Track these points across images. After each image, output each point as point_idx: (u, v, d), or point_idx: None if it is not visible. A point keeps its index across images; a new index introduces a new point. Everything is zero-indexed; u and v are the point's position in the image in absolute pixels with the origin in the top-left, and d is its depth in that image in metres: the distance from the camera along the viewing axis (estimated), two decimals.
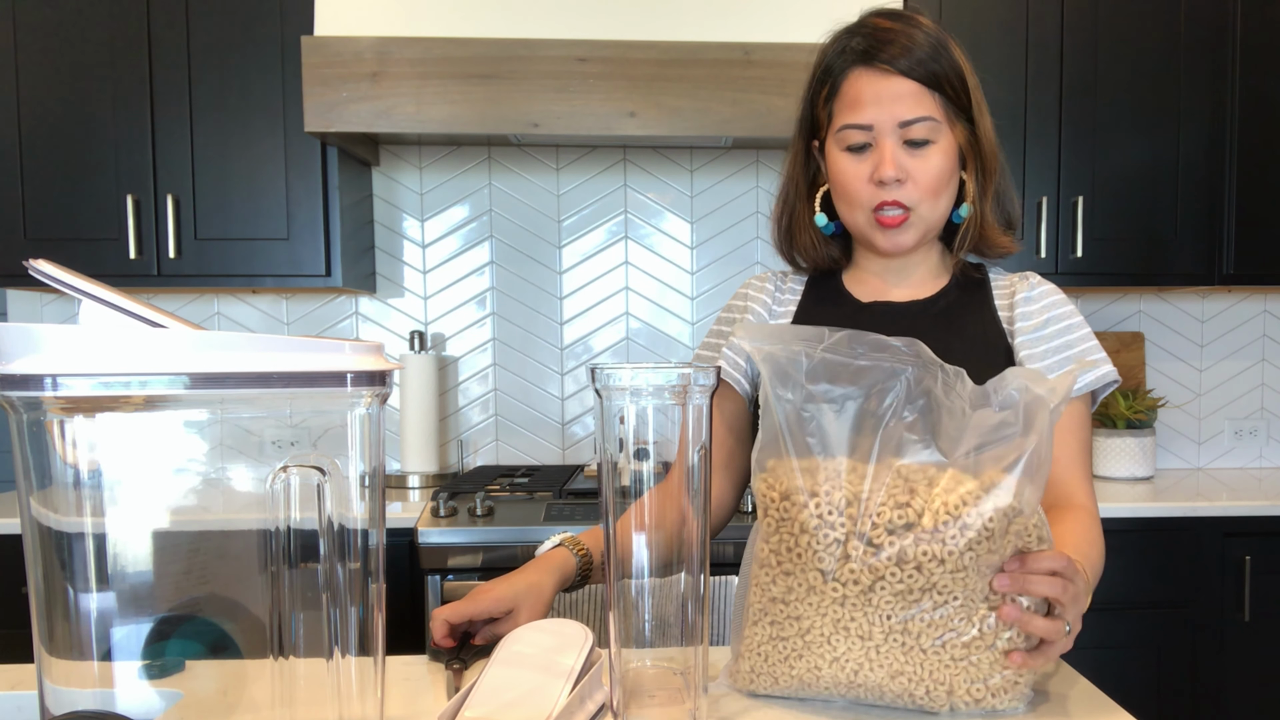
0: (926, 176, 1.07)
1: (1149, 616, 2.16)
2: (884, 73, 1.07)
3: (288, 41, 2.19)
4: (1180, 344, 2.72)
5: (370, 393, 0.65)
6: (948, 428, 0.80)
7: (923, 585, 0.79)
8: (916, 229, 1.09)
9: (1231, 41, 2.33)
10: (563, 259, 2.62)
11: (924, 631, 0.80)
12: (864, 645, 0.82)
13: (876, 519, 0.78)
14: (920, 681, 0.82)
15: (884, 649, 0.81)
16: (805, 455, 0.82)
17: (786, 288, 1.22)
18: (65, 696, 0.62)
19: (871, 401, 0.81)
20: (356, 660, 0.67)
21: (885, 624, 0.80)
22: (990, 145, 1.12)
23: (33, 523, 0.61)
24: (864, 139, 1.07)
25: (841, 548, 0.80)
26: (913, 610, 0.80)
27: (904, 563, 0.78)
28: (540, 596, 1.04)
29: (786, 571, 0.83)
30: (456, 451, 2.63)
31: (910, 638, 0.80)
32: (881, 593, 0.79)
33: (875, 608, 0.80)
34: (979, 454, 0.79)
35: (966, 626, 0.80)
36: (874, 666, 0.82)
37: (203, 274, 2.24)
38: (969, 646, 0.80)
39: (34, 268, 0.61)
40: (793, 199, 1.19)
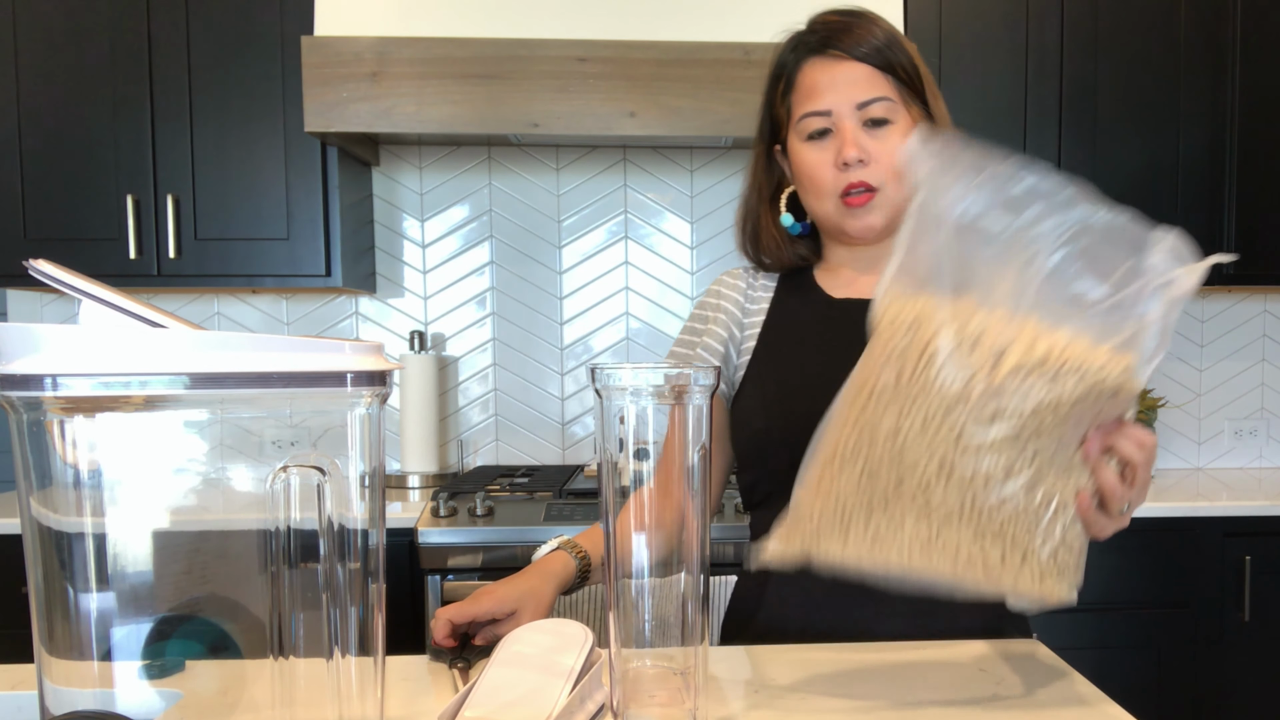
0: (888, 155, 1.08)
1: (1149, 616, 2.16)
2: (837, 59, 1.08)
3: (288, 42, 2.19)
4: (1180, 344, 2.72)
5: (370, 393, 0.65)
6: (1089, 280, 0.77)
7: (1033, 429, 0.76)
8: (883, 209, 1.09)
9: (1231, 41, 2.33)
10: (563, 259, 2.62)
11: (1023, 479, 0.77)
12: (960, 496, 0.77)
13: (1003, 357, 0.75)
14: (997, 543, 0.78)
15: (979, 498, 0.77)
16: (941, 288, 0.78)
17: (759, 284, 1.22)
18: (65, 696, 0.62)
19: (1023, 241, 0.77)
20: (356, 660, 0.67)
21: (992, 465, 0.76)
22: (946, 126, 1.14)
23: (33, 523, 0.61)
24: (823, 124, 1.08)
25: (967, 381, 0.76)
26: (1019, 456, 0.77)
27: (1022, 397, 0.75)
28: (542, 599, 1.04)
29: (901, 409, 0.78)
30: (456, 451, 2.63)
31: (1012, 483, 0.77)
32: (994, 430, 0.75)
33: (983, 451, 0.76)
34: (1114, 315, 0.77)
35: (1055, 488, 0.79)
36: (964, 524, 0.78)
37: (203, 274, 2.24)
38: (1052, 508, 0.79)
39: (34, 268, 0.61)
40: (755, 204, 1.20)
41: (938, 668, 0.96)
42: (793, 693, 0.89)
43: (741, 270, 1.24)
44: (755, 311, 1.20)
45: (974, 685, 0.91)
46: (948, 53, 2.30)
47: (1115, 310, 0.77)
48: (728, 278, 1.24)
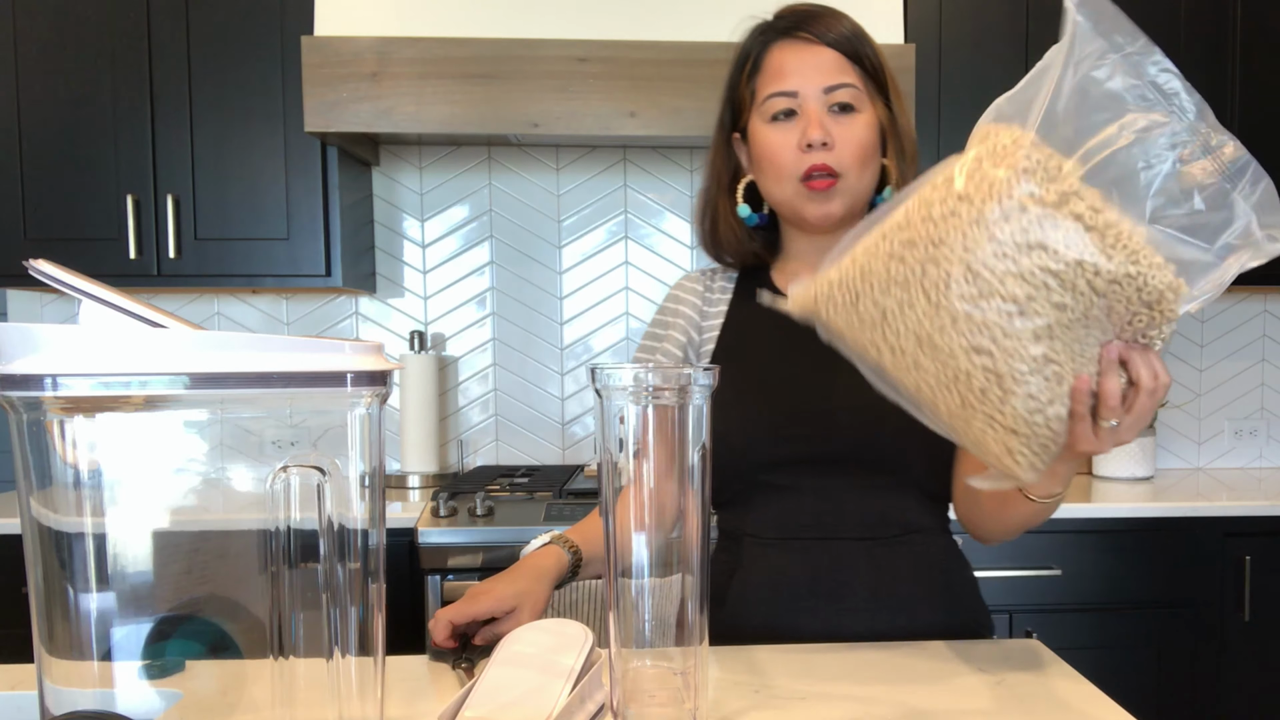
0: (852, 142, 1.07)
1: (1149, 616, 2.16)
2: (807, 42, 1.09)
3: (288, 41, 2.19)
4: (1180, 344, 2.72)
5: (370, 393, 0.65)
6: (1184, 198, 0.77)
7: (1066, 283, 0.75)
8: (844, 197, 1.09)
9: (1231, 41, 2.33)
10: (563, 259, 2.62)
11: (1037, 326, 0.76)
12: (971, 306, 0.76)
13: (1069, 199, 0.75)
14: (981, 373, 0.78)
15: (987, 318, 0.76)
16: (1040, 130, 0.78)
17: (717, 286, 1.22)
18: (65, 696, 0.62)
19: (1125, 139, 0.77)
20: (356, 660, 0.67)
21: (1007, 291, 0.75)
22: (910, 131, 1.14)
23: (33, 523, 0.61)
24: (789, 105, 1.08)
25: (1029, 198, 0.75)
26: (1036, 299, 0.75)
27: (1069, 244, 0.74)
28: (539, 595, 1.04)
29: (955, 199, 0.77)
30: (456, 451, 2.63)
31: (1022, 322, 0.76)
32: (1030, 259, 0.74)
33: (1010, 275, 0.75)
34: (1185, 241, 0.76)
35: (1058, 354, 0.77)
36: (962, 333, 0.77)
37: (203, 274, 2.24)
38: (1046, 379, 0.78)
39: (34, 268, 0.61)
40: (714, 194, 1.19)
41: (938, 668, 0.96)
42: (793, 693, 0.89)
43: (699, 274, 1.24)
44: (713, 315, 1.20)
45: (974, 685, 0.91)
46: (947, 53, 2.30)
47: (1189, 235, 0.76)
48: (686, 281, 1.24)
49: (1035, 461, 0.82)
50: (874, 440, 1.07)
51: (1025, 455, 0.82)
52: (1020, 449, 0.81)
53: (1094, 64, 0.77)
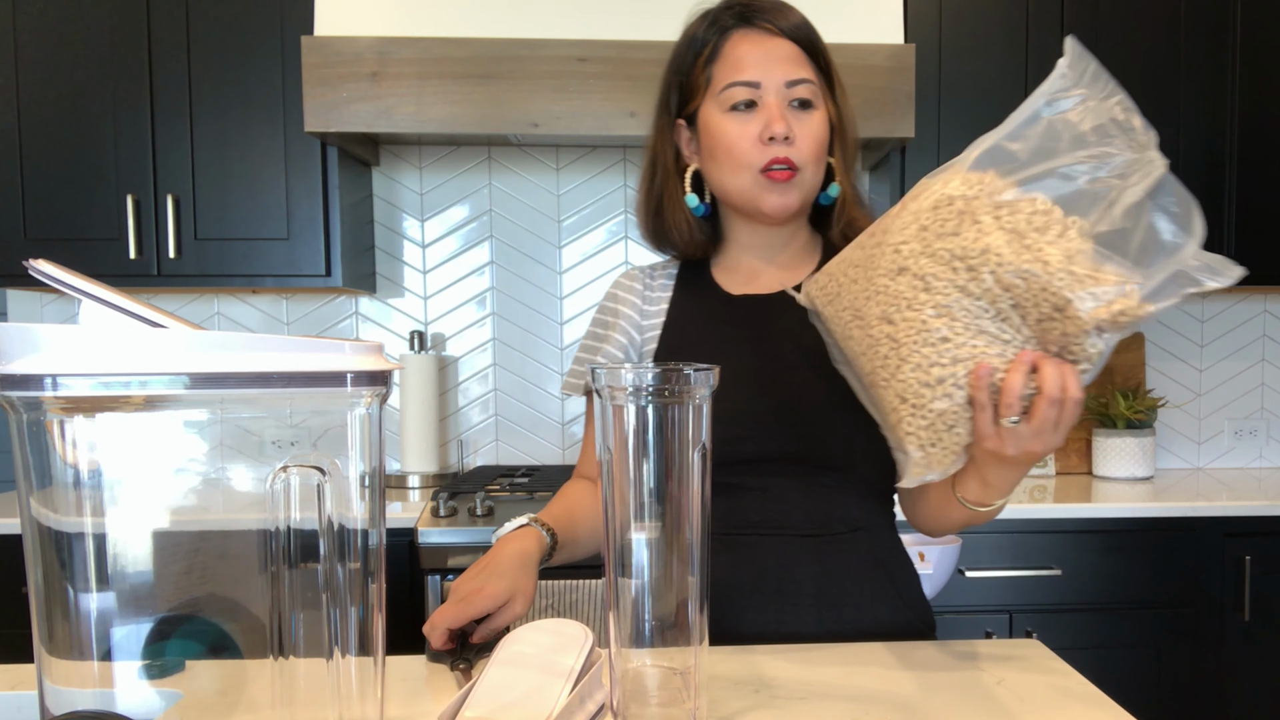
0: (811, 138, 1.07)
1: (1149, 616, 2.16)
2: (768, 32, 1.08)
3: (288, 41, 2.19)
4: (1180, 344, 2.72)
5: (370, 393, 0.65)
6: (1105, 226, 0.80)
7: (967, 270, 0.81)
8: (801, 190, 1.09)
9: (1231, 41, 2.33)
10: (563, 259, 2.62)
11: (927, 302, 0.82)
12: (889, 281, 0.84)
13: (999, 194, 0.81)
14: (889, 341, 0.85)
15: (897, 293, 0.84)
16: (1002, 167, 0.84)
17: (656, 284, 1.21)
18: (65, 696, 0.62)
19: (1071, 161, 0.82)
20: (356, 660, 0.67)
21: (920, 270, 0.83)
22: (854, 128, 1.14)
23: (33, 523, 0.61)
24: (750, 96, 1.07)
25: (960, 193, 0.82)
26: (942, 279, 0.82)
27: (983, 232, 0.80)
28: (530, 582, 1.02)
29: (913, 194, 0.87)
30: (456, 451, 2.63)
31: (920, 297, 0.83)
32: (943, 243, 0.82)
33: (925, 255, 0.83)
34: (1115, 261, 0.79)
35: (956, 333, 0.82)
36: (877, 302, 0.86)
37: (203, 274, 2.24)
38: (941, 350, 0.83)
39: (34, 268, 0.61)
40: (660, 179, 1.17)
41: (938, 668, 0.96)
42: (793, 693, 0.89)
43: (638, 272, 1.23)
44: (654, 314, 1.19)
45: (974, 685, 0.91)
46: (948, 53, 2.30)
47: (1121, 258, 0.79)
48: (624, 280, 1.22)
49: (923, 437, 0.86)
50: (820, 438, 1.07)
51: (913, 425, 0.86)
52: (909, 418, 0.86)
53: (1067, 103, 0.83)
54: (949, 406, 0.84)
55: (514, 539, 1.06)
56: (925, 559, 1.99)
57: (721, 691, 0.89)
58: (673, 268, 1.22)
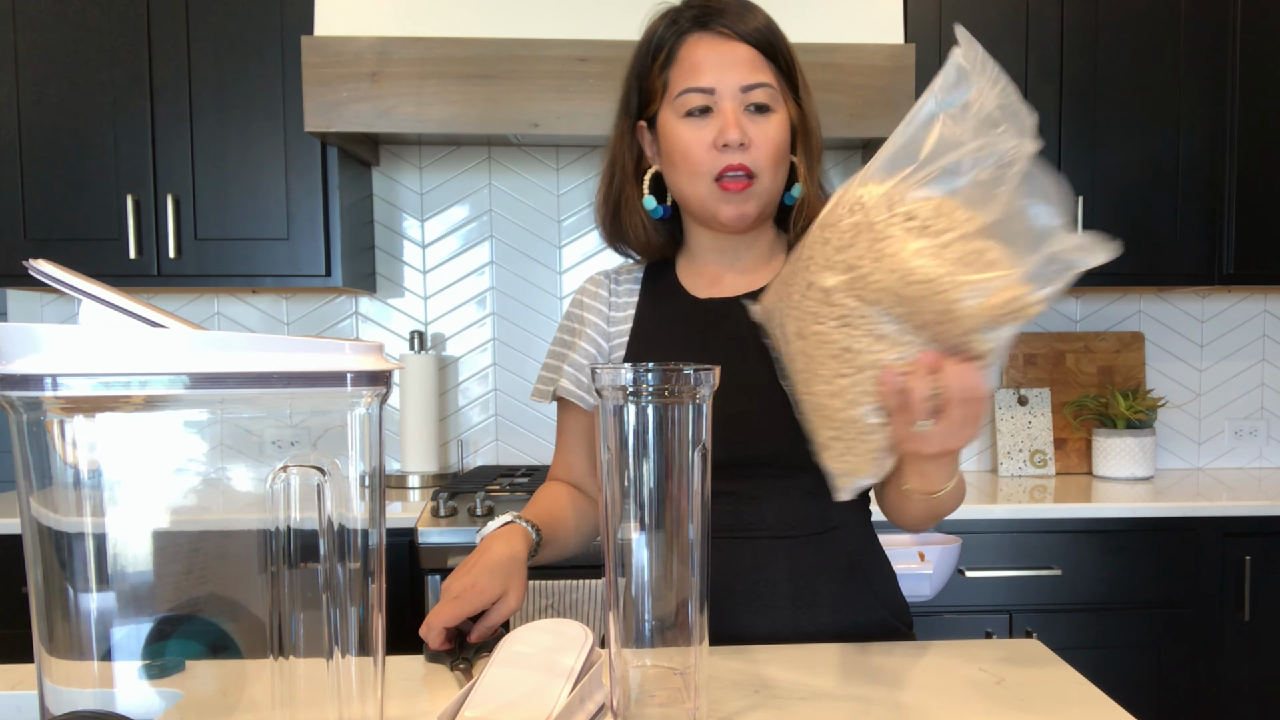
0: (768, 142, 1.06)
1: (1149, 616, 2.16)
2: (724, 37, 1.06)
3: (288, 41, 2.19)
4: (1180, 344, 2.72)
5: (370, 393, 0.65)
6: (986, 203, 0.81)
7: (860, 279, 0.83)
8: (759, 199, 1.08)
9: (1231, 41, 2.33)
10: (563, 259, 2.62)
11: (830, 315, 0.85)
12: (800, 298, 0.88)
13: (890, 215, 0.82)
14: (806, 349, 0.88)
15: (803, 307, 0.87)
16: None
17: (622, 289, 1.20)
18: (65, 696, 0.62)
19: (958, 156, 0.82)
20: (356, 660, 0.67)
21: (822, 284, 0.85)
22: (817, 128, 1.12)
23: (33, 523, 0.61)
24: (705, 102, 1.06)
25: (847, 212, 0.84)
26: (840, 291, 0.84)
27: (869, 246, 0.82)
28: (522, 576, 1.02)
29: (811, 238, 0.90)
30: (456, 451, 2.63)
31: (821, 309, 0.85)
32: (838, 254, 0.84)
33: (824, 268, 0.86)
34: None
35: (857, 340, 0.84)
36: (793, 318, 0.89)
37: (203, 274, 2.24)
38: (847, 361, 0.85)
39: (34, 268, 0.61)
40: (619, 181, 1.16)
41: (938, 668, 0.96)
42: (792, 693, 0.89)
43: (602, 277, 1.22)
44: (620, 319, 1.18)
45: (974, 685, 0.91)
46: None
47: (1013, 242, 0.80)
48: (589, 285, 1.22)
49: (838, 448, 0.88)
50: (790, 441, 1.05)
51: (825, 435, 0.89)
52: (822, 429, 0.89)
53: (960, 96, 0.83)
54: (857, 415, 0.86)
55: (500, 536, 1.06)
56: (925, 559, 1.99)
57: (721, 691, 0.89)
58: (638, 271, 1.21)
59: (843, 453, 0.88)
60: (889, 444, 0.87)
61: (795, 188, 1.12)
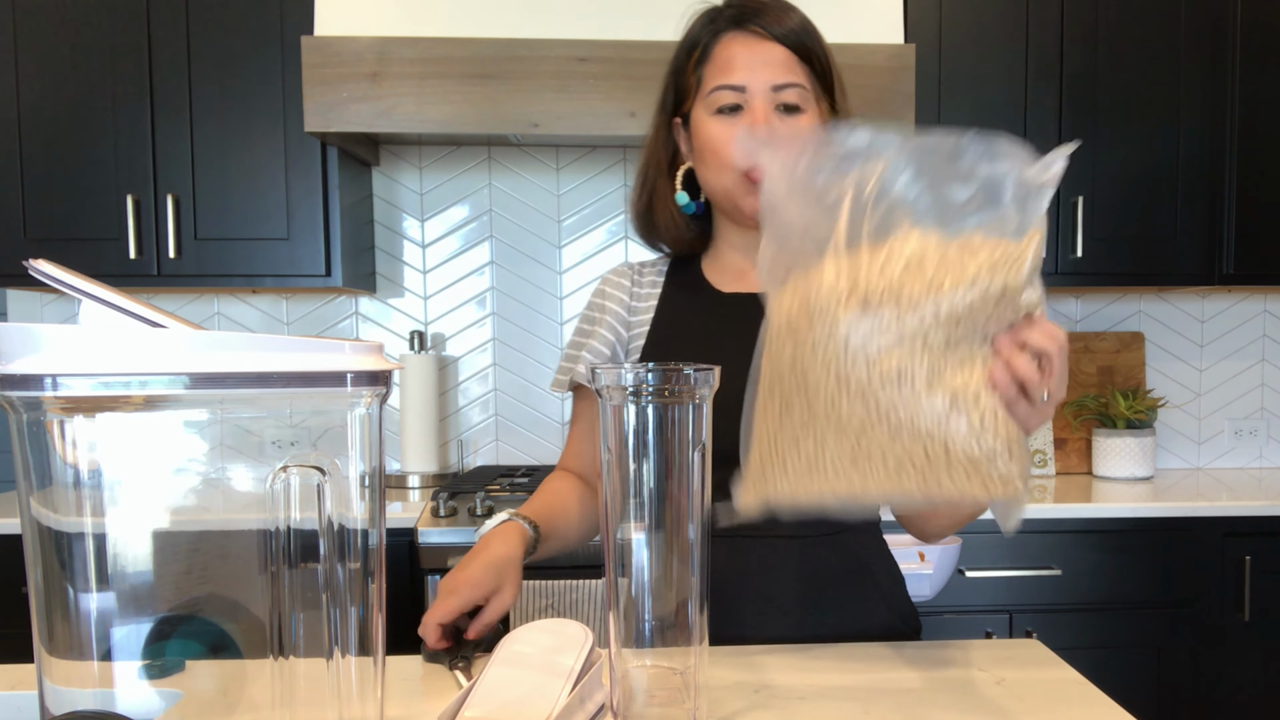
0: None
1: (1149, 616, 2.16)
2: (758, 36, 1.07)
3: (288, 42, 2.19)
4: (1180, 344, 2.72)
5: (370, 393, 0.65)
6: (938, 205, 0.80)
7: (914, 330, 0.79)
8: None
9: (1231, 41, 2.33)
10: (563, 259, 2.62)
11: (921, 378, 0.79)
12: (864, 405, 0.80)
13: (878, 281, 0.79)
14: (916, 440, 0.80)
15: (883, 402, 0.80)
16: (808, 256, 0.82)
17: (646, 281, 1.21)
18: (65, 696, 0.62)
19: (862, 192, 0.81)
20: (356, 660, 0.67)
21: (884, 373, 0.79)
22: None
23: (33, 523, 0.61)
24: (736, 99, 1.07)
25: (847, 292, 0.80)
26: (904, 359, 0.79)
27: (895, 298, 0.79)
28: (516, 571, 1.01)
29: (796, 339, 0.82)
30: (456, 451, 2.63)
31: (909, 385, 0.79)
32: (876, 338, 0.79)
33: (870, 358, 0.79)
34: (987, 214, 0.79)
35: (955, 380, 0.80)
36: (878, 429, 0.80)
37: (203, 274, 2.24)
38: (959, 401, 0.80)
39: (34, 268, 0.61)
40: (653, 176, 1.19)
41: (938, 668, 0.96)
42: (793, 693, 0.89)
43: (625, 267, 1.23)
44: (642, 309, 1.19)
45: (974, 685, 0.91)
46: (947, 53, 2.30)
47: (987, 209, 0.79)
48: (612, 275, 1.23)
49: (1010, 471, 0.82)
50: None
51: (1000, 473, 0.82)
52: (995, 476, 0.82)
53: (796, 173, 0.82)
54: (1005, 427, 0.82)
55: (498, 534, 1.06)
56: (925, 559, 1.99)
57: (721, 691, 0.89)
58: (663, 264, 1.22)
59: (1005, 470, 0.83)
60: (1019, 436, 0.83)
61: None
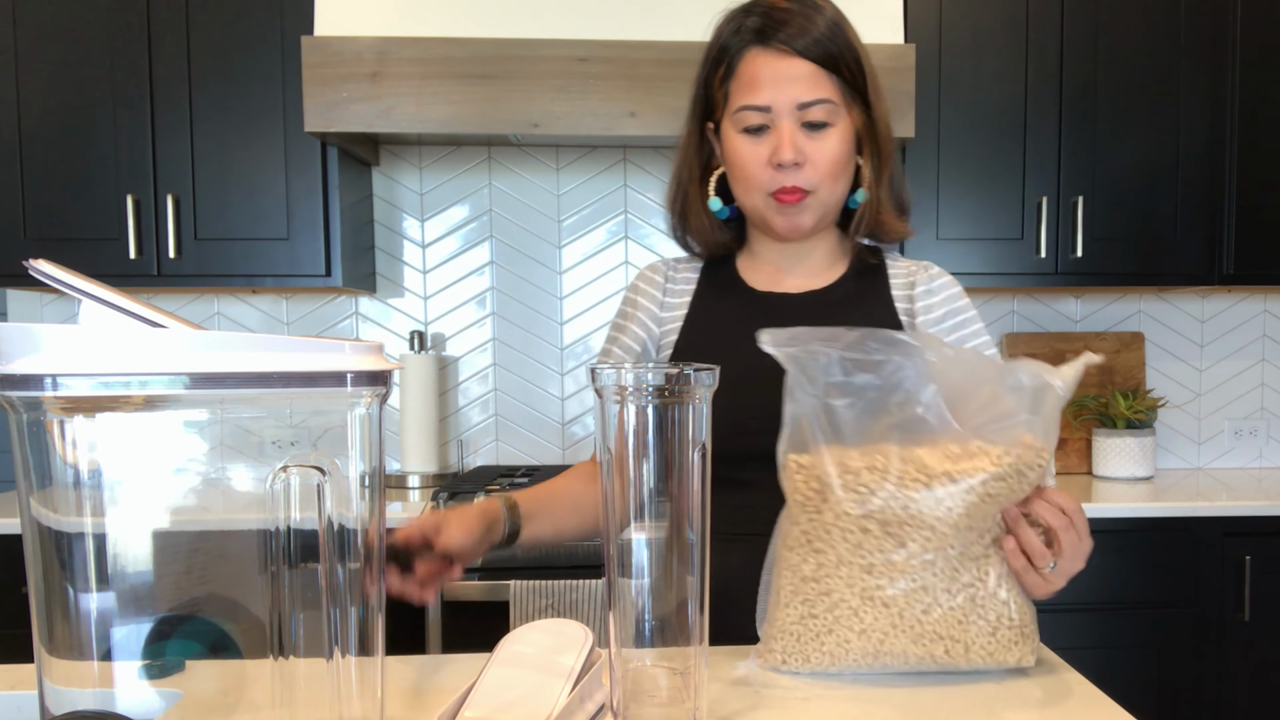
0: (825, 159, 1.06)
1: (1149, 616, 2.16)
2: (781, 53, 1.05)
3: (288, 41, 2.19)
4: (1180, 344, 2.72)
5: (370, 393, 0.65)
6: (958, 406, 0.87)
7: (937, 544, 0.86)
8: (814, 211, 1.09)
9: (1231, 41, 2.33)
10: (563, 259, 2.62)
11: (940, 589, 0.87)
12: (888, 612, 0.88)
13: (899, 488, 0.85)
14: (938, 642, 0.88)
15: (906, 614, 0.88)
16: (832, 443, 0.88)
17: (680, 277, 1.21)
18: (65, 696, 0.62)
19: (887, 391, 0.88)
20: (356, 660, 0.67)
21: (907, 586, 0.87)
22: (886, 130, 1.12)
23: (33, 523, 0.61)
24: (762, 120, 1.06)
25: (866, 519, 0.87)
26: (929, 571, 0.87)
27: (920, 526, 0.86)
28: (465, 514, 1.04)
29: (817, 550, 0.89)
30: (456, 451, 2.63)
31: (929, 596, 0.87)
32: (904, 552, 0.87)
33: (899, 571, 0.87)
34: (994, 427, 0.85)
35: (977, 580, 0.88)
36: (898, 633, 0.88)
37: (203, 274, 2.24)
38: (977, 600, 0.88)
39: (34, 268, 0.61)
40: (685, 182, 1.18)
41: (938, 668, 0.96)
42: (793, 693, 0.89)
43: (660, 264, 1.23)
44: (676, 305, 1.19)
45: (975, 685, 0.91)
46: (947, 53, 2.30)
47: (996, 421, 0.86)
48: (647, 272, 1.23)
49: (1023, 647, 0.91)
50: None
51: (1016, 650, 0.91)
52: (1009, 652, 0.90)
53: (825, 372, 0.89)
54: (1023, 612, 0.91)
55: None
56: None
57: (721, 691, 0.89)
58: (698, 261, 1.22)
59: (1019, 646, 0.91)
60: (1031, 616, 0.91)
61: (859, 192, 1.12)
